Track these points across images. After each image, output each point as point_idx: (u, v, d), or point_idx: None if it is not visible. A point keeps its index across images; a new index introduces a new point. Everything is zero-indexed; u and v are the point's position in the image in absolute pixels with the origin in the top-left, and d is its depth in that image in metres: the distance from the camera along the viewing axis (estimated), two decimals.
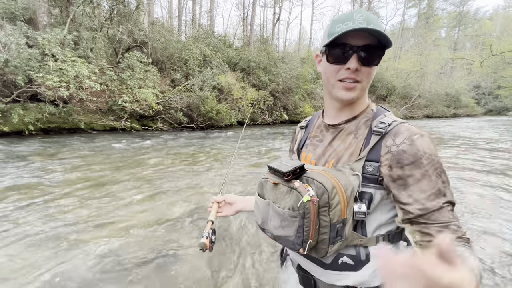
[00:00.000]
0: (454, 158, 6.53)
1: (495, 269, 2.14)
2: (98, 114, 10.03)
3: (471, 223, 2.95)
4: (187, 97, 12.14)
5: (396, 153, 0.59)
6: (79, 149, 6.70)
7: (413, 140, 0.58)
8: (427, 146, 0.58)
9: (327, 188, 0.57)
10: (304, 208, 0.57)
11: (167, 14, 25.53)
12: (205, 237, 0.75)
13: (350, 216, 0.61)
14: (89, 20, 9.97)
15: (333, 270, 0.66)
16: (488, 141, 9.75)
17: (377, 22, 0.60)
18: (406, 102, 29.29)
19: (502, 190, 4.07)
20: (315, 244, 0.60)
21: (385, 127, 0.62)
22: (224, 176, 1.28)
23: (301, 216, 0.57)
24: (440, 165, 0.58)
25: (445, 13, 45.68)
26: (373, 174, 0.61)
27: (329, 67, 0.66)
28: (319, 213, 0.58)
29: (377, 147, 0.62)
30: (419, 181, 0.57)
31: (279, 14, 26.73)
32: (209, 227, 0.81)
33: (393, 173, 0.59)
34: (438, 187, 0.56)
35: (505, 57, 15.47)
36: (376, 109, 0.71)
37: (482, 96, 46.77)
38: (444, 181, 0.57)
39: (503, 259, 2.27)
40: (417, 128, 0.61)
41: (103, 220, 2.87)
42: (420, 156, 0.57)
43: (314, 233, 0.58)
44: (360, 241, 0.63)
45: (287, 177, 0.62)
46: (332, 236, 0.59)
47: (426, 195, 0.56)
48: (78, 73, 8.05)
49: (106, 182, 4.20)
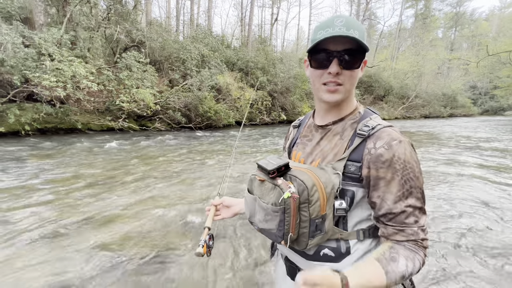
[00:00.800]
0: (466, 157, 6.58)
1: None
2: (96, 114, 9.98)
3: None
4: (185, 97, 12.11)
5: (374, 156, 0.63)
6: (76, 149, 6.66)
7: (391, 145, 0.62)
8: (402, 152, 0.62)
9: (307, 186, 0.61)
10: (285, 204, 0.61)
11: (165, 14, 25.47)
12: (201, 246, 0.76)
13: (330, 212, 0.65)
14: (86, 19, 9.92)
15: (316, 261, 0.71)
16: (489, 140, 9.84)
17: (358, 26, 0.64)
18: (404, 102, 29.43)
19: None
20: (296, 237, 0.64)
21: (369, 130, 0.65)
22: (222, 177, 1.28)
23: (282, 211, 0.62)
24: (412, 171, 0.62)
25: (442, 14, 46.05)
26: (355, 174, 0.65)
27: (313, 72, 0.70)
28: (300, 208, 0.62)
29: (360, 149, 0.66)
30: (388, 184, 0.62)
31: (277, 14, 26.78)
32: (205, 234, 0.82)
33: (370, 174, 0.64)
34: (403, 191, 0.61)
35: (501, 57, 15.62)
36: (363, 111, 0.74)
37: (479, 96, 47.13)
38: (412, 186, 0.61)
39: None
40: (398, 133, 0.65)
41: (99, 221, 2.86)
42: (394, 161, 0.61)
43: (294, 227, 0.62)
44: (341, 235, 0.68)
45: (271, 175, 0.66)
46: (312, 230, 0.63)
47: (392, 198, 0.62)
48: (75, 73, 8.01)
49: (102, 183, 4.18)
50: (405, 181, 0.61)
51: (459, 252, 2.38)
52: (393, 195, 0.62)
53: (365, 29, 0.67)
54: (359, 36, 0.62)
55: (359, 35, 0.62)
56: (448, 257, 2.30)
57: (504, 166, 5.61)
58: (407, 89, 30.13)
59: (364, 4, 31.91)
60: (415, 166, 0.63)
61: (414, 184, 0.62)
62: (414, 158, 0.63)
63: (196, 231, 2.71)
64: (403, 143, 0.63)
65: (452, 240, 2.58)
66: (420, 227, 0.62)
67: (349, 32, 0.61)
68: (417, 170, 0.63)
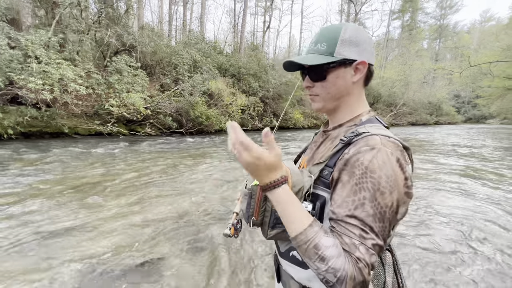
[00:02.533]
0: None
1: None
2: (83, 118, 9.75)
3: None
4: (176, 102, 12.03)
5: (341, 160, 0.60)
6: (62, 154, 6.45)
7: (360, 151, 0.57)
8: (368, 159, 0.55)
9: None
10: (252, 190, 0.68)
11: (157, 19, 25.45)
12: (229, 228, 0.80)
13: None
14: (76, 22, 9.76)
15: (286, 260, 0.74)
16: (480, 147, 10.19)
17: (328, 38, 0.67)
18: (392, 110, 30.24)
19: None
20: (260, 224, 0.69)
21: (352, 137, 0.62)
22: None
23: (249, 196, 0.69)
24: (370, 181, 0.54)
25: (426, 26, 48.02)
26: (326, 179, 0.64)
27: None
28: (266, 198, 0.66)
29: (337, 154, 0.63)
30: (343, 187, 0.58)
31: (269, 22, 27.23)
32: (234, 218, 0.84)
33: (334, 175, 0.61)
34: (352, 199, 0.55)
35: (482, 68, 16.37)
36: (366, 119, 0.71)
37: (462, 105, 49.08)
38: (366, 198, 0.53)
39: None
40: (380, 142, 0.57)
41: (85, 228, 2.76)
42: (355, 165, 0.56)
43: (258, 213, 0.68)
44: None
45: None
46: (272, 220, 0.67)
47: (340, 201, 0.57)
48: (63, 76, 7.83)
49: (89, 188, 4.06)
50: (359, 189, 0.54)
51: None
52: (340, 198, 0.57)
53: (341, 33, 0.66)
54: (326, 47, 0.67)
55: (326, 47, 0.67)
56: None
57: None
58: (395, 97, 31.03)
59: (353, 15, 32.91)
60: (383, 179, 0.54)
61: (371, 197, 0.53)
62: (385, 171, 0.54)
63: (187, 236, 2.65)
64: (377, 151, 0.56)
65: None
66: (363, 244, 0.52)
67: (314, 49, 0.69)
68: (384, 185, 0.53)
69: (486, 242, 2.70)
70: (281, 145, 10.12)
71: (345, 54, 0.66)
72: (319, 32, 0.70)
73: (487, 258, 2.40)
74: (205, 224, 2.97)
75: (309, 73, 0.72)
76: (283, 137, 13.43)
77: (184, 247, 2.48)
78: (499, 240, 2.74)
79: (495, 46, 17.36)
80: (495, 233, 2.90)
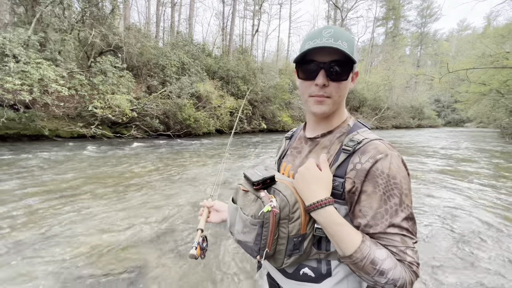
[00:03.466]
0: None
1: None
2: (65, 120, 9.37)
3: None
4: (163, 104, 11.83)
5: (359, 170, 0.59)
6: (41, 158, 6.17)
7: (376, 159, 0.58)
8: (387, 166, 0.57)
9: (290, 202, 0.59)
10: (264, 217, 0.58)
11: (144, 20, 25.04)
12: (195, 248, 0.74)
13: (311, 232, 0.62)
14: (58, 21, 9.43)
15: (295, 280, 0.67)
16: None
17: (347, 38, 0.62)
18: (377, 113, 31.15)
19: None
20: (272, 254, 0.61)
21: (354, 145, 0.62)
22: (216, 178, 1.26)
23: (260, 225, 0.59)
24: (395, 187, 0.56)
25: (408, 33, 50.11)
26: (337, 190, 0.61)
27: (301, 83, 0.69)
28: (279, 224, 0.59)
29: (344, 164, 0.62)
30: (369, 198, 0.57)
31: (258, 25, 27.43)
32: (198, 236, 0.79)
33: (352, 189, 0.60)
34: (385, 208, 0.56)
35: (459, 74, 17.24)
36: (352, 124, 0.70)
37: (442, 109, 51.32)
38: (396, 203, 0.56)
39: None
40: (386, 146, 0.60)
41: (64, 236, 2.65)
42: (377, 175, 0.57)
43: (271, 243, 0.59)
44: (320, 256, 0.64)
45: (256, 186, 0.64)
46: (289, 248, 0.60)
47: (373, 213, 0.57)
48: (44, 76, 7.53)
49: (70, 194, 3.90)
50: (387, 197, 0.56)
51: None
52: (374, 210, 0.57)
53: (355, 41, 0.65)
54: (347, 47, 0.61)
55: (347, 46, 0.61)
56: None
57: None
58: (379, 101, 32.02)
59: (339, 21, 33.79)
60: (403, 182, 0.57)
61: (400, 202, 0.56)
62: (402, 174, 0.58)
63: (173, 241, 2.60)
64: (390, 156, 0.58)
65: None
66: (408, 247, 0.55)
67: (336, 44, 0.60)
68: (405, 187, 0.57)
69: (455, 221, 2.86)
70: (270, 147, 10.17)
71: (356, 59, 0.64)
72: (335, 29, 0.63)
73: (451, 231, 2.53)
74: (187, 230, 2.93)
75: (329, 69, 0.63)
76: (270, 139, 13.50)
77: (166, 254, 2.43)
78: (460, 222, 2.90)
79: (471, 54, 18.37)
80: (460, 216, 3.06)
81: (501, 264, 2.39)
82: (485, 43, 16.74)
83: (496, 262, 2.41)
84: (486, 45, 16.16)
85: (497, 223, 3.28)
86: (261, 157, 7.99)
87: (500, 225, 3.22)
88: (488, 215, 3.53)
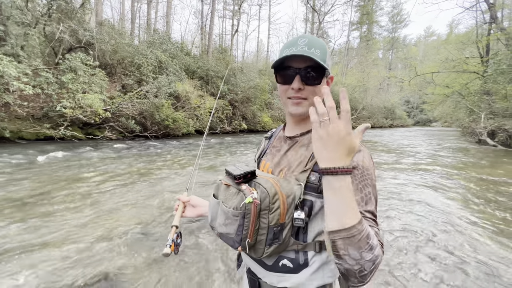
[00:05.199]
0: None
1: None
2: (30, 121, 8.69)
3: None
4: (140, 104, 11.40)
5: None
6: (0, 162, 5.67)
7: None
8: (361, 160, 0.65)
9: (270, 193, 0.62)
10: (245, 208, 0.61)
11: (118, 16, 23.93)
12: (168, 246, 0.74)
13: (289, 222, 0.65)
14: (21, 13, 8.70)
15: (274, 272, 0.70)
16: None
17: (320, 46, 0.69)
18: (353, 114, 32.46)
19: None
20: (253, 244, 0.63)
21: None
22: (191, 173, 1.24)
23: (241, 216, 0.61)
24: (369, 178, 0.64)
25: (381, 38, 52.81)
26: (314, 183, 0.65)
27: (280, 87, 0.75)
28: (260, 215, 0.62)
29: None
30: None
31: (237, 26, 27.37)
32: (173, 233, 0.79)
33: None
34: (361, 196, 0.62)
35: (426, 77, 18.50)
36: None
37: (411, 110, 54.78)
38: (370, 193, 0.63)
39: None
40: (359, 144, 0.65)
41: (32, 246, 2.47)
42: (353, 167, 0.64)
43: (252, 233, 0.61)
44: (298, 246, 0.67)
45: (237, 180, 0.66)
46: (269, 238, 0.63)
47: None
48: (3, 73, 6.92)
49: (36, 201, 3.63)
50: (363, 186, 0.63)
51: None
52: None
53: (327, 48, 0.72)
54: (320, 54, 0.68)
55: (320, 54, 0.68)
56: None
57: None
58: (355, 102, 33.39)
59: (317, 23, 34.75)
60: (373, 174, 0.66)
61: (371, 191, 0.64)
62: (372, 167, 0.67)
63: (147, 248, 2.52)
64: (363, 151, 0.67)
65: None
66: (377, 228, 0.60)
67: (310, 51, 0.66)
68: (374, 178, 0.66)
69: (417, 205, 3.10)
70: (251, 147, 10.20)
71: (329, 65, 0.71)
72: (309, 37, 0.70)
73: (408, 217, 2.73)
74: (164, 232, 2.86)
75: (304, 74, 0.69)
76: (257, 138, 13.54)
77: (143, 258, 2.36)
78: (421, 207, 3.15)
79: (436, 59, 19.82)
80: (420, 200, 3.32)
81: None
82: (448, 49, 18.15)
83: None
84: (449, 51, 17.53)
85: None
86: (236, 156, 7.99)
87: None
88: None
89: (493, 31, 14.43)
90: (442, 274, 2.23)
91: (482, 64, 14.84)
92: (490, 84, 13.14)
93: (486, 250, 2.63)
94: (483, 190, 4.79)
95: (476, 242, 2.80)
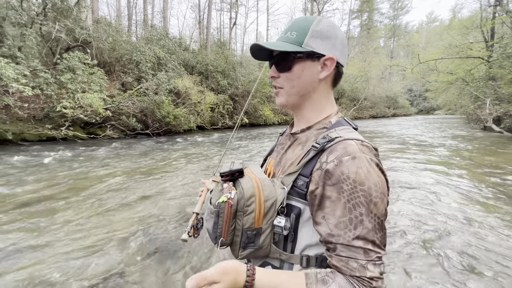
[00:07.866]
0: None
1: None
2: (31, 123, 8.69)
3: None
4: (140, 101, 11.35)
5: (324, 171, 0.55)
6: (4, 164, 5.70)
7: (341, 161, 0.53)
8: (353, 171, 0.52)
9: (245, 195, 0.59)
10: (219, 207, 0.59)
11: (114, 13, 23.68)
12: (187, 232, 0.73)
13: (268, 227, 0.60)
14: (16, 14, 8.60)
15: None
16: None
17: (300, 26, 0.63)
18: (355, 104, 32.13)
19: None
20: (229, 244, 0.62)
21: (325, 143, 0.58)
22: (221, 157, 1.26)
23: (216, 214, 0.60)
24: (363, 195, 0.51)
25: (382, 25, 51.77)
26: (301, 189, 0.59)
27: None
28: (236, 216, 0.60)
29: (312, 162, 0.59)
30: (333, 205, 0.53)
31: (235, 18, 26.94)
32: (193, 220, 0.77)
33: (316, 191, 0.56)
34: (349, 218, 0.52)
35: (429, 65, 18.15)
36: (335, 121, 0.67)
37: (414, 98, 54.06)
38: (363, 213, 0.51)
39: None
40: (357, 148, 0.55)
41: (34, 249, 2.47)
42: (342, 180, 0.52)
43: (227, 233, 0.60)
44: (280, 256, 0.62)
45: (223, 178, 0.67)
46: (243, 240, 0.60)
47: (335, 221, 0.53)
48: (2, 75, 6.88)
49: (40, 200, 3.64)
50: (353, 205, 0.51)
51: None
52: (338, 219, 0.53)
53: (312, 27, 0.62)
54: (296, 36, 0.62)
55: (296, 36, 0.62)
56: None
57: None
58: (357, 92, 33.01)
59: (316, 13, 34.08)
60: (373, 189, 0.51)
61: (366, 211, 0.51)
62: (373, 180, 0.52)
63: (147, 251, 2.52)
64: (358, 159, 0.53)
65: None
66: (370, 260, 0.50)
67: (284, 37, 0.64)
68: (375, 194, 0.52)
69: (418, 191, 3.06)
70: (251, 142, 10.16)
71: (314, 47, 0.62)
72: (293, 21, 0.66)
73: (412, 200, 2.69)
74: (164, 231, 2.85)
75: (276, 62, 0.67)
76: (251, 135, 13.49)
77: (144, 258, 2.35)
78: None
79: (439, 45, 19.38)
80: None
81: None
82: (451, 34, 17.71)
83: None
84: (453, 37, 17.11)
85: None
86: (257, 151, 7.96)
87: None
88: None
89: (498, 14, 14.03)
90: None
91: (487, 49, 14.49)
92: (495, 69, 12.83)
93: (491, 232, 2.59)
94: (489, 177, 4.72)
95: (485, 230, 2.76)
